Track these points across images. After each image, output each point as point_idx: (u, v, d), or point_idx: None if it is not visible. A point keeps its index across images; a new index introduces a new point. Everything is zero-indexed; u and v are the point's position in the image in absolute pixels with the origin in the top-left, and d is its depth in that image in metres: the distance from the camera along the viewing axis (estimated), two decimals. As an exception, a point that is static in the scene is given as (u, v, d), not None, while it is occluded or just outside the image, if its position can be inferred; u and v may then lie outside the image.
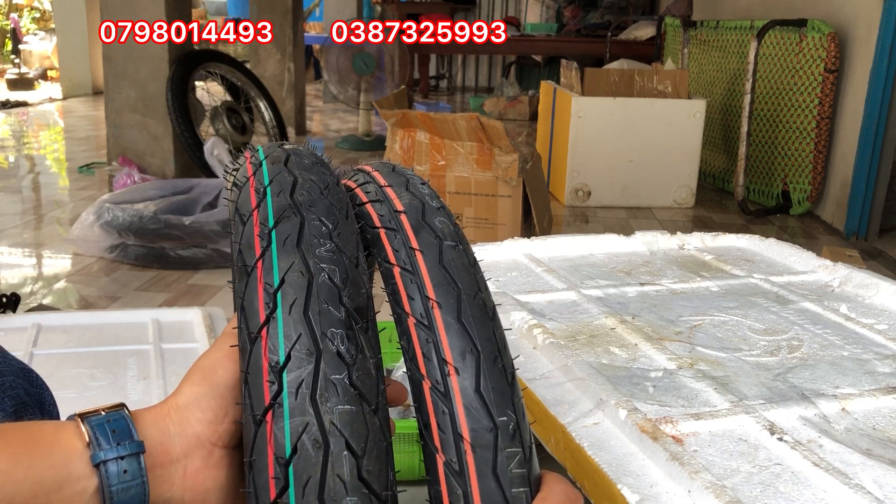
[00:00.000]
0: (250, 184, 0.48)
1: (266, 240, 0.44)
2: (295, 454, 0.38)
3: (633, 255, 1.26)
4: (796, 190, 3.80)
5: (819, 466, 0.65)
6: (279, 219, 0.45)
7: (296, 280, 0.42)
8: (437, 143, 2.99)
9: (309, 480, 0.38)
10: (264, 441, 0.39)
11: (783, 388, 0.80)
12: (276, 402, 0.39)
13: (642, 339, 0.90)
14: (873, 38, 3.29)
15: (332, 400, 0.40)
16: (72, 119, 6.37)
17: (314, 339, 0.41)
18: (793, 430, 0.71)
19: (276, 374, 0.40)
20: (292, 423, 0.39)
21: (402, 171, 0.55)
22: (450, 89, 9.33)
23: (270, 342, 0.41)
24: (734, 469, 0.65)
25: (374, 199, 0.51)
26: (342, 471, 0.39)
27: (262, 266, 0.43)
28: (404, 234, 0.48)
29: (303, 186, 0.48)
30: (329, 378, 0.40)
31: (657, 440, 0.67)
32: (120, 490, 0.41)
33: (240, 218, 0.47)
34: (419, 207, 0.50)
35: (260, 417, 0.40)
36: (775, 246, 1.30)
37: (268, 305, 0.42)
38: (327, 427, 0.39)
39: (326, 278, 0.43)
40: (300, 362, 0.40)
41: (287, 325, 0.41)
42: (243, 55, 7.81)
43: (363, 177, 0.55)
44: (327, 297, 0.42)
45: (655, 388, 0.79)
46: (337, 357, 0.41)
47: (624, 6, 7.91)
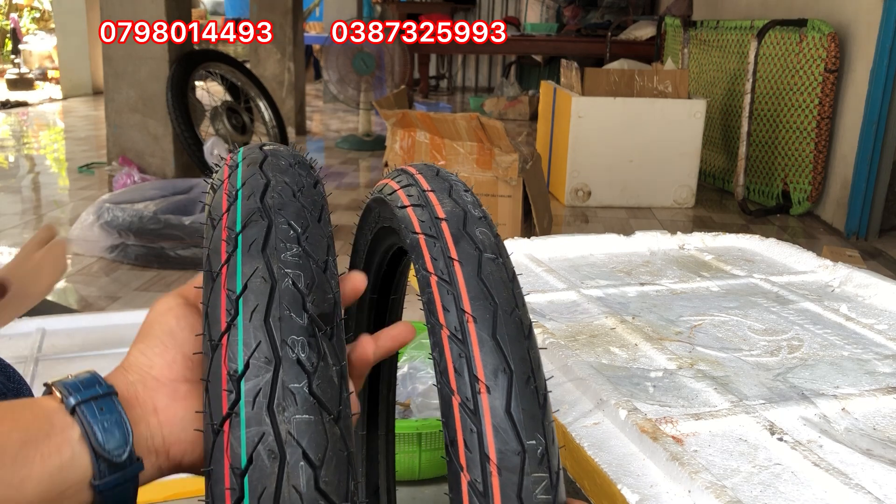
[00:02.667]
0: (223, 187, 0.48)
1: (232, 245, 0.44)
2: (250, 465, 0.38)
3: (633, 255, 1.26)
4: (796, 190, 3.80)
5: (819, 466, 0.65)
6: (246, 223, 0.44)
7: (258, 286, 0.42)
8: (437, 142, 2.99)
9: (264, 492, 0.37)
10: (221, 451, 0.39)
11: (783, 388, 0.80)
12: (234, 412, 0.39)
13: (642, 339, 0.90)
14: (873, 38, 3.29)
15: (289, 409, 0.39)
16: (72, 119, 6.37)
17: (273, 347, 0.40)
18: (793, 430, 0.71)
19: (234, 383, 0.39)
20: (248, 433, 0.38)
21: (447, 176, 0.54)
22: (450, 89, 9.33)
23: (230, 350, 0.40)
24: (734, 469, 0.65)
25: (416, 204, 0.51)
26: (298, 482, 0.38)
27: (226, 272, 0.42)
28: (444, 243, 0.48)
29: (274, 189, 0.47)
30: (287, 387, 0.39)
31: (657, 440, 0.67)
32: (102, 430, 0.42)
33: (211, 222, 0.46)
34: (461, 216, 0.50)
35: (217, 427, 0.39)
36: (775, 246, 1.30)
37: (229, 312, 0.41)
38: (284, 437, 0.38)
39: (290, 284, 0.42)
40: (258, 371, 0.40)
41: (247, 332, 0.40)
42: (243, 55, 7.81)
43: (406, 178, 0.54)
44: (290, 303, 0.42)
45: (655, 388, 0.79)
46: (297, 365, 0.40)
47: (624, 6, 7.91)
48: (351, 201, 3.83)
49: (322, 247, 0.45)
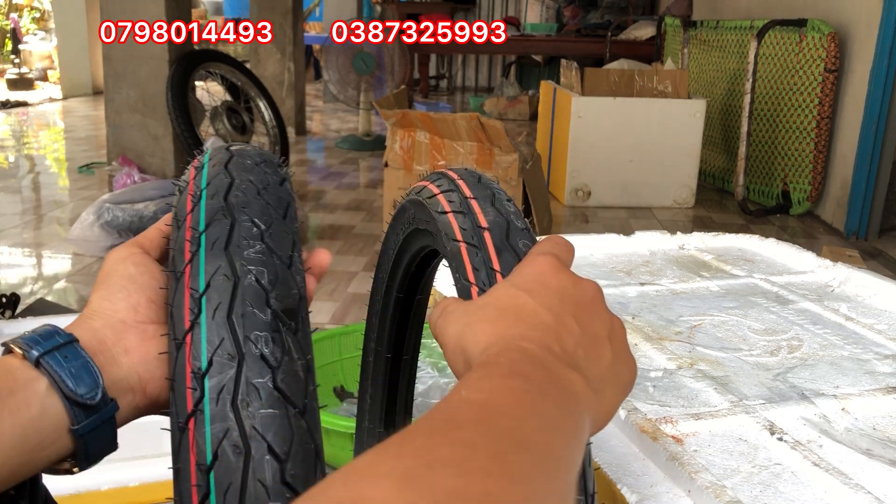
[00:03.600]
0: (188, 188, 0.48)
1: (195, 244, 0.44)
2: (216, 461, 0.38)
3: (633, 255, 1.26)
4: (796, 190, 3.80)
5: (819, 466, 0.65)
6: (209, 222, 0.44)
7: (221, 284, 0.42)
8: (437, 142, 2.99)
9: (230, 487, 0.37)
10: (187, 449, 0.39)
11: (783, 388, 0.80)
12: (198, 409, 0.39)
13: (642, 339, 0.90)
14: (873, 38, 3.29)
15: (253, 404, 0.39)
16: (72, 119, 6.37)
17: (237, 343, 0.40)
18: (793, 430, 0.71)
19: (199, 381, 0.39)
20: (213, 430, 0.38)
21: (489, 184, 0.54)
22: (450, 89, 9.33)
23: (194, 348, 0.40)
24: (734, 469, 0.65)
25: (458, 210, 0.50)
26: (264, 476, 0.38)
27: (189, 271, 0.43)
28: (486, 253, 0.48)
29: (238, 188, 0.47)
30: (251, 382, 0.39)
31: (657, 440, 0.67)
32: (70, 376, 0.42)
33: (176, 223, 0.46)
34: (504, 226, 0.49)
35: (183, 424, 0.39)
36: (775, 246, 1.29)
37: (193, 311, 0.41)
38: (248, 432, 0.38)
39: (253, 280, 0.42)
40: (222, 367, 0.40)
41: (210, 329, 0.40)
42: (243, 55, 7.81)
43: (447, 183, 0.54)
44: (253, 299, 0.42)
45: (655, 388, 0.79)
46: (260, 360, 0.40)
47: (624, 6, 7.91)
48: (351, 201, 3.83)
49: (287, 243, 0.45)
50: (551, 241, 0.48)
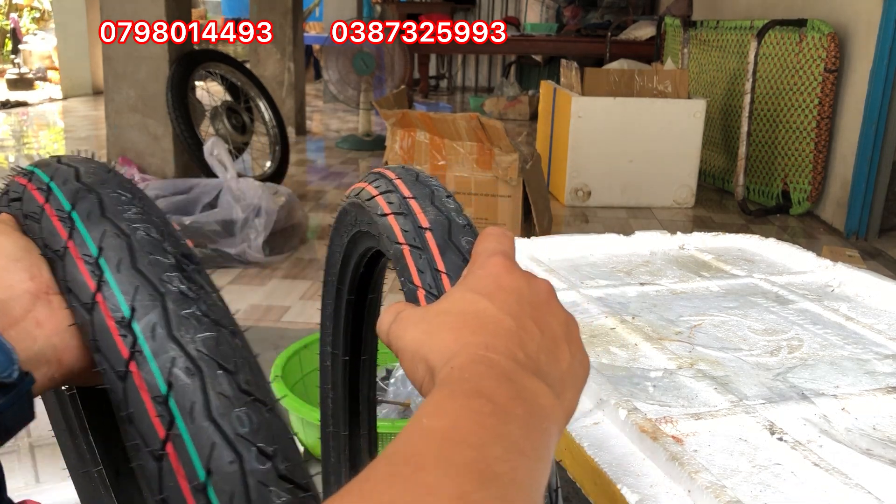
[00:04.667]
0: (28, 188, 0.47)
1: (69, 222, 0.43)
2: (171, 388, 0.38)
3: (633, 255, 1.26)
4: (796, 190, 3.80)
5: (819, 466, 0.65)
6: (74, 200, 0.44)
7: (114, 243, 0.42)
8: (437, 143, 2.99)
9: (194, 405, 0.38)
10: (135, 389, 0.39)
11: (783, 388, 0.80)
12: (136, 350, 0.39)
13: (642, 339, 0.90)
14: (873, 38, 3.29)
15: (190, 331, 0.40)
16: (72, 119, 6.37)
17: (153, 286, 0.41)
18: (793, 430, 0.71)
19: (126, 328, 0.40)
20: (159, 362, 0.39)
21: (427, 181, 0.53)
22: (450, 89, 9.33)
23: (109, 303, 0.40)
24: (734, 469, 0.65)
25: (398, 212, 0.50)
26: (222, 388, 0.39)
27: (73, 245, 0.42)
28: (429, 255, 0.47)
29: (87, 173, 0.47)
30: (180, 314, 0.40)
31: (657, 440, 0.67)
32: None
33: (32, 218, 0.45)
34: (446, 225, 0.49)
35: (123, 370, 0.39)
36: (775, 246, 1.30)
37: (94, 273, 0.41)
38: (195, 355, 0.39)
39: (144, 234, 0.43)
40: (147, 309, 0.40)
41: (121, 283, 0.41)
42: (243, 55, 7.81)
43: (385, 183, 0.53)
44: (151, 249, 0.42)
45: (655, 388, 0.79)
46: (181, 295, 0.41)
47: (624, 6, 7.91)
48: (351, 201, 3.83)
49: (155, 207, 0.46)
50: (493, 236, 0.46)
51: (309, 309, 2.47)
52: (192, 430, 0.38)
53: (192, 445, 0.38)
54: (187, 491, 0.37)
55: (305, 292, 2.64)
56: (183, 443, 0.38)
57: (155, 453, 0.38)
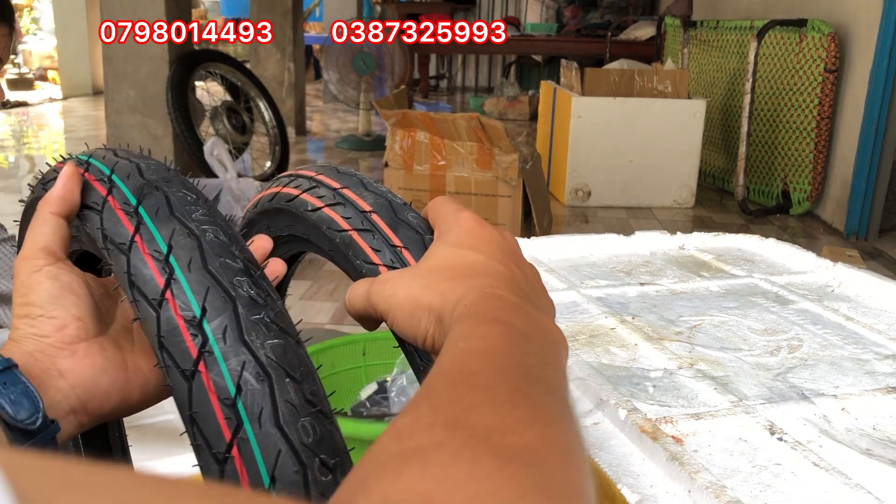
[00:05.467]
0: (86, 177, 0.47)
1: (135, 217, 0.43)
2: (240, 392, 0.39)
3: (633, 255, 1.26)
4: (796, 190, 3.80)
5: (819, 466, 0.65)
6: (140, 196, 0.44)
7: (185, 242, 0.42)
8: (437, 143, 2.99)
9: (262, 411, 0.38)
10: (203, 390, 0.39)
11: (783, 388, 0.80)
12: (206, 350, 0.39)
13: (642, 339, 0.90)
14: (873, 38, 3.30)
15: (260, 337, 0.40)
16: (72, 119, 6.37)
17: (223, 289, 0.41)
18: (793, 430, 0.71)
19: (196, 327, 0.40)
20: (230, 365, 0.39)
21: (350, 172, 0.53)
22: (450, 89, 9.33)
23: (179, 301, 0.40)
24: (734, 469, 0.65)
25: (333, 203, 0.50)
26: (289, 396, 0.39)
27: (140, 239, 0.42)
28: (382, 234, 0.48)
29: (149, 168, 0.47)
30: (251, 319, 0.41)
31: (657, 440, 0.67)
32: (10, 403, 0.42)
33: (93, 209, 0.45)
34: (387, 205, 0.49)
35: (192, 370, 0.39)
36: (775, 246, 1.30)
37: (163, 270, 0.41)
38: (264, 361, 0.40)
39: (213, 236, 0.43)
40: (217, 311, 0.40)
41: (191, 281, 0.41)
42: (243, 55, 7.81)
43: (307, 182, 0.52)
44: (220, 251, 0.43)
45: (655, 388, 0.79)
46: (251, 301, 0.41)
47: (624, 6, 7.91)
48: (351, 201, 3.83)
49: (218, 211, 0.46)
50: (447, 200, 0.49)
51: (309, 309, 2.47)
52: (258, 436, 0.38)
53: (258, 451, 0.38)
54: None
55: (305, 292, 2.64)
56: (249, 447, 0.38)
57: (219, 456, 0.38)
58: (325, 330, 2.19)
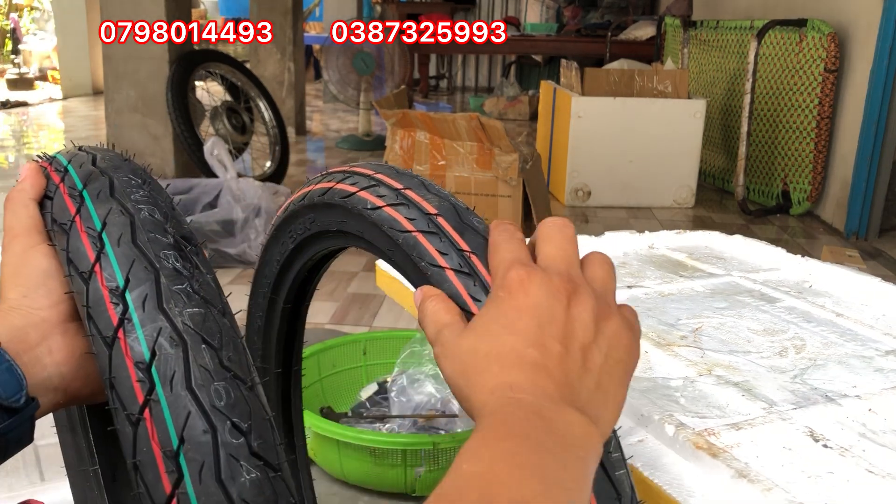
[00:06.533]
0: (47, 169, 0.49)
1: (78, 199, 0.45)
2: (154, 357, 0.39)
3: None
4: (796, 190, 3.80)
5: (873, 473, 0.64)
6: (87, 181, 0.46)
7: (118, 220, 0.44)
8: (437, 143, 2.99)
9: (174, 375, 0.39)
10: (121, 355, 0.40)
11: (805, 391, 0.79)
12: (126, 318, 0.40)
13: (651, 346, 0.89)
14: (873, 38, 3.29)
15: (179, 305, 0.41)
16: (72, 119, 6.36)
17: (149, 261, 0.42)
18: (834, 436, 0.70)
19: (119, 296, 0.41)
20: (146, 332, 0.40)
21: (409, 173, 0.52)
22: (450, 89, 9.33)
23: (105, 273, 0.42)
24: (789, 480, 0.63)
25: (396, 203, 0.49)
26: (204, 361, 0.40)
27: (80, 219, 0.44)
28: (448, 237, 0.47)
29: (103, 159, 0.49)
30: (172, 289, 0.41)
31: (716, 456, 0.65)
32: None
33: (47, 196, 0.47)
34: (452, 209, 0.49)
35: (112, 336, 0.40)
36: (742, 242, 1.30)
37: (95, 245, 0.43)
38: (181, 327, 0.40)
39: (147, 214, 0.44)
40: (140, 281, 0.41)
41: (119, 256, 0.42)
42: (243, 55, 7.80)
43: (365, 180, 0.52)
44: (152, 228, 0.44)
45: (685, 399, 0.78)
46: (174, 272, 0.42)
47: (624, 6, 7.91)
48: (351, 201, 3.82)
49: (164, 194, 0.47)
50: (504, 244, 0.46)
51: (310, 309, 2.46)
52: (169, 398, 0.39)
53: (168, 412, 0.38)
54: (159, 457, 0.38)
55: (306, 292, 2.63)
56: (160, 409, 0.38)
57: (132, 417, 0.39)
58: (325, 330, 2.19)
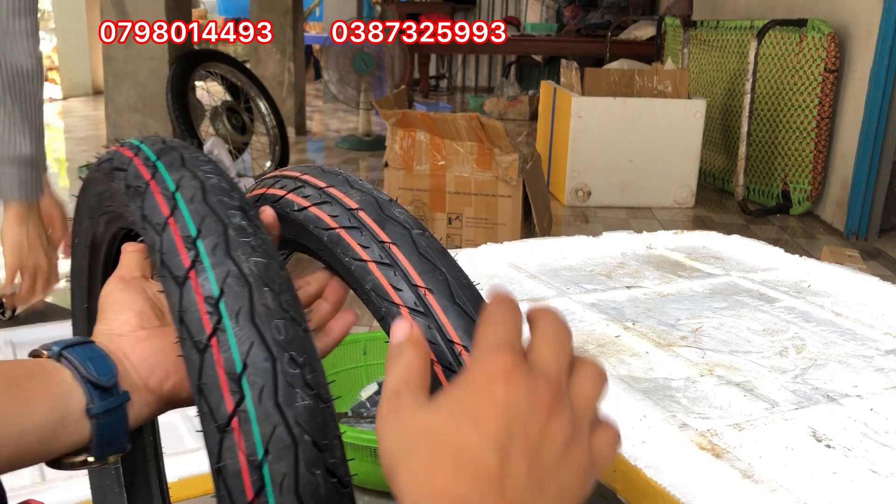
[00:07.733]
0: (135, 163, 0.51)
1: (152, 168, 0.49)
2: (223, 294, 0.44)
3: (605, 257, 1.25)
4: (796, 190, 3.80)
5: (877, 473, 0.64)
6: (160, 154, 0.50)
7: (190, 183, 0.48)
8: (437, 143, 2.99)
9: (241, 309, 0.43)
10: (191, 293, 0.44)
11: (806, 391, 0.79)
12: (197, 261, 0.45)
13: (652, 347, 0.89)
14: (873, 38, 3.29)
15: (245, 253, 0.45)
16: (72, 119, 6.36)
17: (218, 217, 0.46)
18: (836, 436, 0.70)
19: (192, 243, 0.45)
20: (216, 273, 0.44)
21: (335, 171, 0.54)
22: (450, 89, 9.33)
23: (179, 224, 0.46)
24: (794, 481, 0.63)
25: (320, 202, 0.51)
26: (266, 301, 0.44)
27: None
28: (369, 230, 0.49)
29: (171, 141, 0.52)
30: (238, 240, 0.46)
31: (720, 458, 0.65)
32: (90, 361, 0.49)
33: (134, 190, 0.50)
34: (374, 202, 0.50)
35: (184, 277, 0.44)
36: (739, 242, 1.30)
37: (169, 202, 0.47)
38: (246, 272, 0.45)
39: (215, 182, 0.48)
40: (210, 232, 0.46)
41: (192, 211, 0.46)
42: (243, 55, 7.80)
43: (292, 182, 0.54)
44: (219, 192, 0.47)
45: (686, 399, 0.78)
46: (240, 227, 0.46)
47: (624, 6, 7.91)
48: (351, 201, 3.82)
49: (223, 168, 0.51)
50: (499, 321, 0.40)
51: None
52: (235, 329, 0.43)
53: (233, 341, 0.43)
54: (223, 379, 0.42)
55: (305, 293, 2.63)
56: (226, 337, 0.43)
57: (199, 345, 0.43)
58: (326, 330, 2.19)
